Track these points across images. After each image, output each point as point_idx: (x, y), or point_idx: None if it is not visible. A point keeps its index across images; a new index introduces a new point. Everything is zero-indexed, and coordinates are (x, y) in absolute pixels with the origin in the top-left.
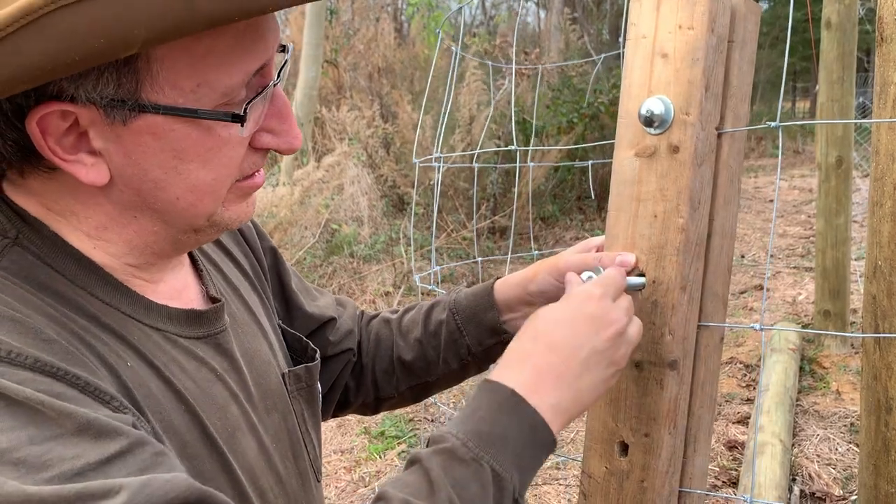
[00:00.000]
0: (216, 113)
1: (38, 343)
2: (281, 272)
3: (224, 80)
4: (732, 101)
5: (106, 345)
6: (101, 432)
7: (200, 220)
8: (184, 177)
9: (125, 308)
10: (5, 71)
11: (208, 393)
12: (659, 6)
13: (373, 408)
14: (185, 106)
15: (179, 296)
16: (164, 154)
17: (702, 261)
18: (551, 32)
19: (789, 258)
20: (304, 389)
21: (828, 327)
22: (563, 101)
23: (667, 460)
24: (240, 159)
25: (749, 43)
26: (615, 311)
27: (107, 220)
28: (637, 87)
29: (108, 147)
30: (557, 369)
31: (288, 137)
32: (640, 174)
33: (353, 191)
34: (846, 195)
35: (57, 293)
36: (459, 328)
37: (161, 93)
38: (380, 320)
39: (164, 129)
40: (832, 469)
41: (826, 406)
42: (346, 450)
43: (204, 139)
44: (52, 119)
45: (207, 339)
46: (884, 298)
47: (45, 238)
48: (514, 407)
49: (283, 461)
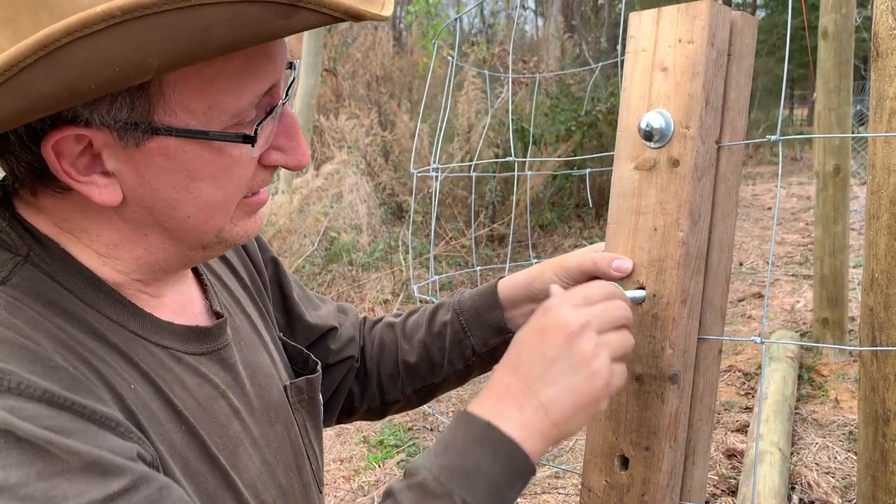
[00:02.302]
0: (227, 134)
1: (47, 371)
2: (282, 282)
3: (234, 101)
4: (730, 115)
5: (111, 367)
6: (106, 470)
7: (210, 236)
8: (195, 195)
9: (132, 326)
10: (23, 101)
11: (210, 411)
12: (658, 20)
13: (379, 412)
14: (196, 128)
15: (184, 310)
16: (176, 174)
17: (702, 274)
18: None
19: (787, 266)
20: (305, 401)
21: (826, 335)
22: (561, 109)
23: (667, 474)
24: (249, 177)
25: (746, 56)
26: (568, 314)
27: (118, 238)
28: (636, 101)
29: (120, 168)
30: (516, 388)
31: (296, 154)
32: (640, 187)
33: (352, 199)
34: (844, 203)
35: (66, 311)
36: (464, 328)
37: (173, 115)
38: (383, 325)
39: (176, 151)
40: (831, 477)
41: (825, 414)
42: (344, 458)
43: (215, 159)
44: (66, 142)
45: (211, 354)
46: (881, 310)
47: (56, 255)
48: (489, 437)
49: (285, 474)
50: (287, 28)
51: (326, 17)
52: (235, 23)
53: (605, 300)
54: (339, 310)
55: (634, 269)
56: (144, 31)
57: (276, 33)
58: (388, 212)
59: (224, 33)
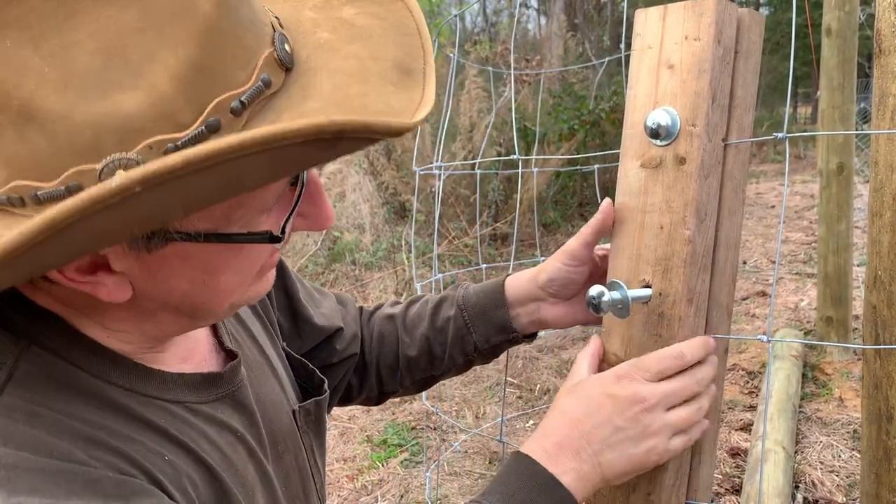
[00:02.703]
0: (252, 237)
1: (88, 490)
2: (287, 286)
3: (259, 197)
4: (737, 112)
5: (141, 444)
6: None
7: (224, 309)
8: (211, 286)
9: (144, 389)
10: (24, 270)
11: (230, 459)
12: (665, 17)
13: (375, 401)
14: (218, 231)
15: (192, 355)
16: (192, 272)
17: (708, 272)
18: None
19: (791, 264)
20: (312, 423)
21: (830, 334)
22: (564, 107)
23: (674, 473)
24: (267, 256)
25: (753, 54)
26: (643, 391)
27: (127, 317)
28: (642, 98)
29: (130, 268)
30: (578, 443)
31: (319, 219)
32: (646, 185)
33: (355, 198)
34: (847, 201)
35: (80, 392)
36: (467, 325)
37: (192, 223)
38: (382, 317)
39: (192, 252)
40: (835, 476)
41: (829, 413)
42: (348, 458)
43: (235, 254)
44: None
45: (225, 398)
46: (884, 308)
47: (58, 330)
48: (552, 490)
49: (292, 501)
50: (328, 158)
51: (367, 140)
52: (275, 164)
53: (679, 376)
54: (339, 302)
55: (640, 268)
56: (169, 192)
57: (316, 163)
58: (391, 211)
59: (259, 175)
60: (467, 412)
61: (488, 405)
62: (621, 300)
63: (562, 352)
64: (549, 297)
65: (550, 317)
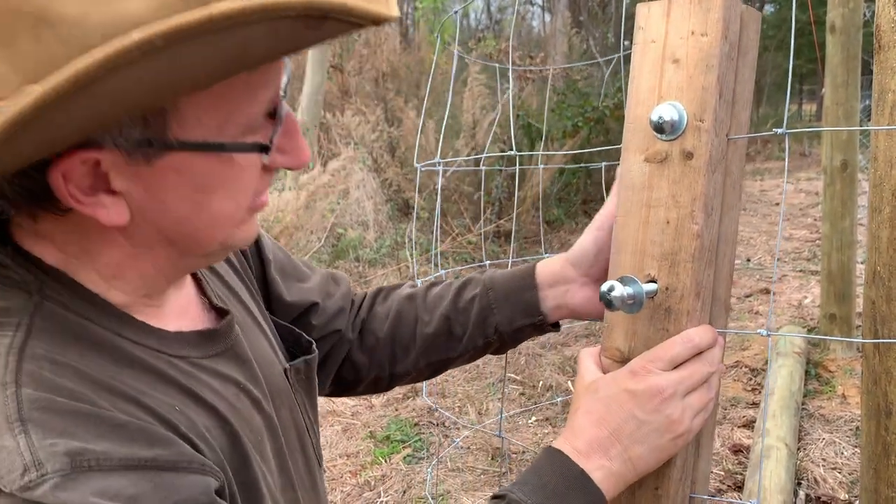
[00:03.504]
0: (243, 145)
1: (115, 433)
2: (263, 258)
3: (247, 111)
4: (736, 108)
5: (155, 395)
6: None
7: (215, 245)
8: (205, 208)
9: (151, 343)
10: (45, 136)
11: (237, 407)
12: (669, 11)
13: (386, 384)
14: (212, 141)
15: (186, 312)
16: (186, 189)
17: (713, 267)
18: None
19: (795, 262)
20: (303, 381)
21: (833, 331)
22: (568, 104)
23: (680, 467)
24: (256, 184)
25: (751, 50)
26: (659, 382)
27: (121, 257)
28: (646, 92)
29: (129, 187)
30: (607, 441)
31: (298, 154)
32: (651, 180)
33: (359, 195)
34: (851, 198)
35: (94, 344)
36: (491, 305)
37: (187, 130)
38: (402, 297)
39: (188, 166)
40: (837, 473)
41: (832, 410)
42: (351, 454)
43: (226, 170)
44: (74, 166)
45: (226, 352)
46: (883, 304)
47: (67, 286)
48: (583, 486)
49: (293, 456)
50: (316, 38)
51: (351, 24)
52: (272, 37)
53: (690, 362)
54: (332, 279)
55: (644, 262)
56: (185, 54)
57: (308, 44)
58: (394, 208)
59: (261, 49)
60: (470, 408)
61: (491, 401)
62: (634, 294)
63: (564, 349)
64: (579, 276)
65: (578, 301)
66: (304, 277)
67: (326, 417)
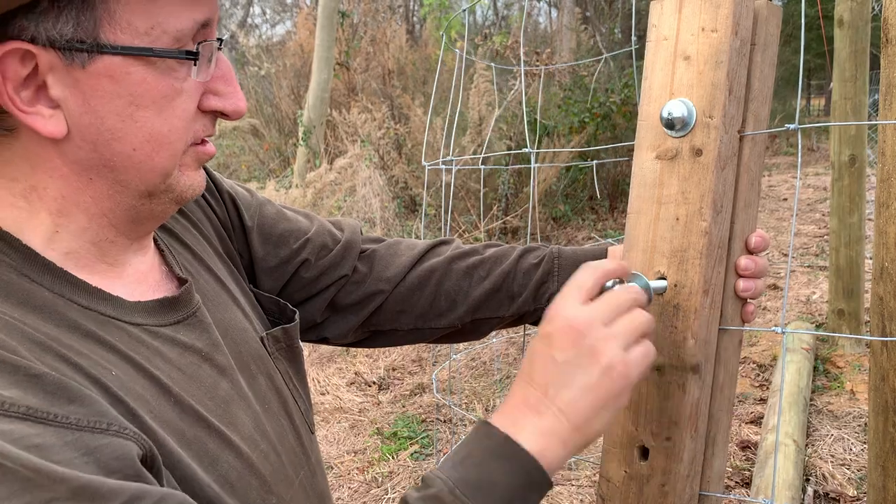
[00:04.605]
0: (171, 51)
1: (28, 383)
2: (245, 226)
3: (175, 23)
4: (754, 105)
5: (89, 357)
6: (95, 495)
7: (156, 177)
8: (140, 125)
9: (103, 309)
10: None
11: (195, 377)
12: (681, 8)
13: (424, 336)
14: (141, 45)
15: (146, 279)
16: (120, 100)
17: (723, 264)
18: (563, 32)
19: (803, 257)
20: (284, 349)
21: (842, 326)
22: (575, 100)
23: (688, 464)
24: (192, 114)
25: (770, 46)
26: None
27: (64, 187)
28: (658, 89)
29: (66, 95)
30: (533, 397)
31: (234, 99)
32: (662, 177)
33: (366, 192)
34: (860, 193)
35: (37, 308)
36: (554, 272)
37: (118, 33)
38: (455, 251)
39: (121, 72)
40: (846, 469)
41: (840, 406)
42: (358, 450)
43: (158, 84)
44: (12, 62)
45: (186, 321)
46: (891, 300)
47: (18, 249)
48: (506, 452)
49: (276, 421)
50: None
51: None
52: None
53: (609, 294)
54: (336, 226)
55: (654, 259)
56: None
57: None
58: (401, 205)
59: None
60: (477, 405)
61: (498, 398)
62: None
63: None
64: None
65: None
66: (295, 234)
67: (333, 414)
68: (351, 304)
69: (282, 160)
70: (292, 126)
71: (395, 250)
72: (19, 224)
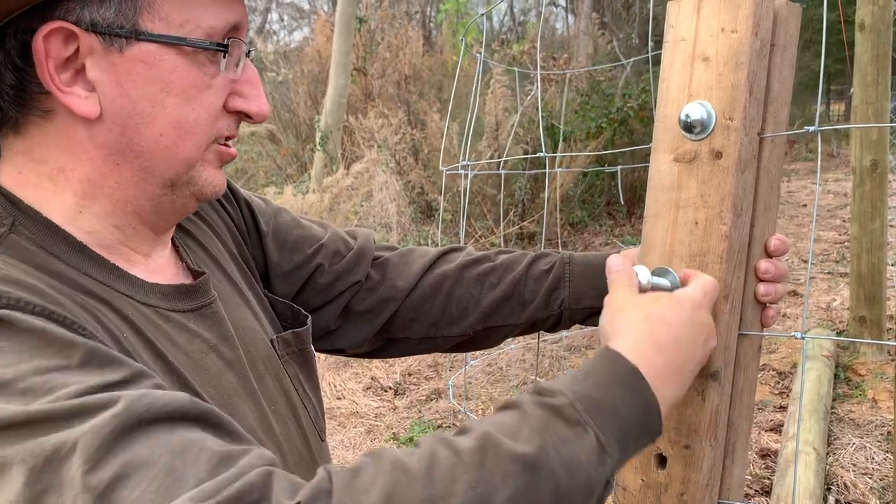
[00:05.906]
0: (203, 42)
1: (46, 299)
2: (260, 231)
3: (209, 19)
4: (773, 106)
5: (105, 316)
6: (104, 362)
7: (180, 165)
8: (168, 111)
9: (118, 286)
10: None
11: (201, 364)
12: (699, 8)
13: (437, 345)
14: (176, 35)
15: (163, 271)
16: (153, 85)
17: (743, 269)
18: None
19: (823, 263)
20: (294, 353)
21: (863, 334)
22: (592, 106)
23: (707, 472)
24: (218, 109)
25: (790, 46)
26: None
27: (91, 171)
28: (676, 91)
29: (102, 78)
30: (673, 367)
31: (258, 101)
32: (680, 180)
33: (382, 197)
34: (881, 199)
35: (54, 273)
36: (566, 278)
37: (155, 23)
38: (466, 258)
39: (156, 59)
40: (868, 478)
41: (862, 414)
42: None
43: (189, 73)
44: (56, 41)
45: (199, 311)
46: None
47: (40, 223)
48: (634, 384)
49: (283, 422)
50: None
51: None
52: None
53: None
54: (350, 235)
55: (673, 263)
56: None
57: None
58: (417, 210)
59: None
60: (493, 411)
61: None
62: (656, 284)
63: (589, 351)
64: None
65: None
66: (310, 240)
67: (349, 419)
68: (364, 312)
69: (299, 165)
70: (309, 131)
71: (408, 258)
72: (42, 203)
